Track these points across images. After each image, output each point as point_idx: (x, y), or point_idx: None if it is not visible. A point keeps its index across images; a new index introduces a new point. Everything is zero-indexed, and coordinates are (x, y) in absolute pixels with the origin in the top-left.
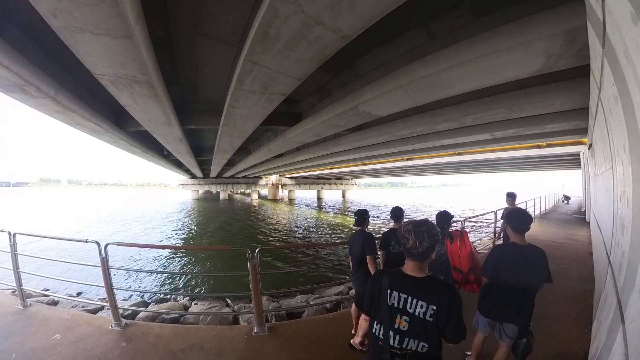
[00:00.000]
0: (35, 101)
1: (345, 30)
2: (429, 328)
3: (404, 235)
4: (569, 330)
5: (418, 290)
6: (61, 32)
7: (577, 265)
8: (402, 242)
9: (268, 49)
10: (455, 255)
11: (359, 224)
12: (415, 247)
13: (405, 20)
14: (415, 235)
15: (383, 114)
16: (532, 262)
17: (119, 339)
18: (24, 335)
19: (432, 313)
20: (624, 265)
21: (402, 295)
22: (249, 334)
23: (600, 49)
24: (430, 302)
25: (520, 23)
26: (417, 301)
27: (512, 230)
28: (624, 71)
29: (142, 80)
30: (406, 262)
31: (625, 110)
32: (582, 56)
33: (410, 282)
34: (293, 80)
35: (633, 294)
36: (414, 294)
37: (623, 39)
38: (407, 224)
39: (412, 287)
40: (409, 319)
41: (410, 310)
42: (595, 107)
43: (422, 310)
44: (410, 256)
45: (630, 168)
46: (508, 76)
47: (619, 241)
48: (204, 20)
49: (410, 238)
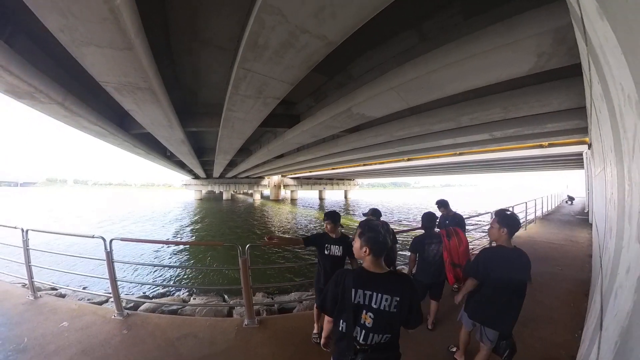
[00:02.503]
0: (44, 107)
1: (330, 37)
2: (393, 319)
3: (378, 231)
4: (559, 334)
5: (382, 286)
6: (68, 45)
7: (574, 268)
8: (375, 238)
9: (259, 56)
10: (454, 251)
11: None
12: (380, 243)
13: (397, 22)
14: (385, 232)
15: (377, 115)
16: (520, 264)
17: (120, 327)
18: (34, 322)
19: (396, 304)
20: (609, 270)
21: (367, 292)
22: (240, 325)
23: (584, 46)
24: (394, 294)
25: (509, 22)
26: (382, 295)
27: (507, 233)
28: (604, 68)
29: (144, 87)
30: (366, 259)
31: (609, 109)
32: (573, 54)
33: (374, 279)
34: (285, 85)
35: (610, 299)
36: (379, 290)
37: (597, 35)
38: (370, 221)
39: (376, 283)
40: (374, 315)
41: (375, 306)
42: (590, 106)
43: (386, 303)
44: (375, 253)
45: (615, 169)
46: (500, 76)
47: (608, 244)
48: (202, 28)
49: (383, 234)
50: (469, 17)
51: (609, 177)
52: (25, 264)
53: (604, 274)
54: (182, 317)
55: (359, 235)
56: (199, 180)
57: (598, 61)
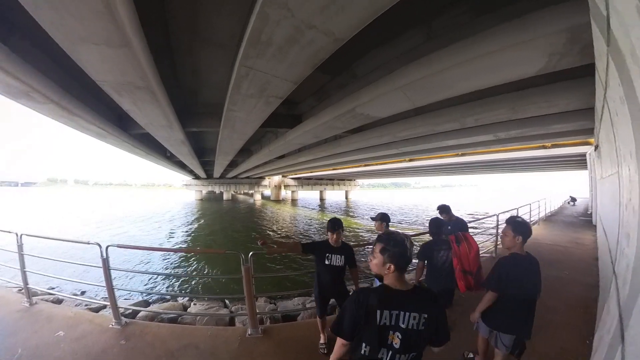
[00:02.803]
0: (41, 107)
1: (338, 33)
2: (421, 337)
3: (404, 245)
4: (569, 341)
5: (409, 303)
6: (62, 42)
7: (582, 271)
8: (401, 253)
9: (262, 53)
10: (465, 257)
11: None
12: (407, 258)
13: (404, 20)
14: (410, 245)
15: (382, 115)
16: (533, 272)
17: (118, 337)
18: (29, 331)
19: (424, 322)
20: (628, 279)
21: (393, 312)
22: (243, 335)
23: (604, 47)
24: (422, 311)
25: (521, 21)
26: (410, 314)
27: (521, 241)
28: (631, 71)
29: (142, 86)
30: (390, 277)
31: (633, 113)
32: (586, 54)
33: (400, 297)
34: (288, 83)
35: (635, 313)
36: (406, 308)
37: (629, 36)
38: (394, 234)
39: (403, 301)
40: (402, 335)
41: (403, 326)
42: (601, 108)
43: (415, 321)
44: (401, 269)
45: (638, 176)
46: (509, 76)
47: (624, 251)
48: (202, 26)
49: (406, 248)
50: (477, 15)
51: (626, 181)
52: (20, 269)
53: (620, 281)
54: (182, 326)
55: (382, 251)
56: (199, 181)
57: (623, 63)
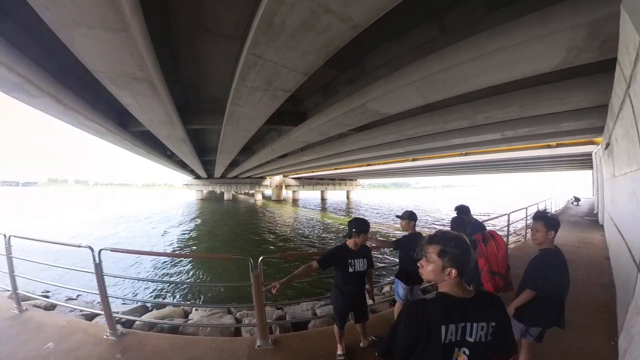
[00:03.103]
0: (36, 101)
1: (356, 19)
2: (489, 349)
3: (467, 245)
4: (594, 343)
5: (475, 313)
6: (55, 25)
7: (594, 271)
8: (464, 254)
9: (272, 40)
10: (493, 257)
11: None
12: (468, 258)
13: (416, 14)
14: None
15: (392, 112)
16: (564, 266)
17: (114, 350)
18: (17, 342)
19: (492, 331)
20: None
21: (459, 325)
22: (252, 347)
23: (637, 38)
24: (489, 319)
25: (542, 14)
26: (477, 324)
27: (553, 235)
28: None
29: (142, 77)
30: (450, 283)
31: None
32: (605, 49)
33: (465, 306)
34: (299, 75)
35: None
36: (473, 318)
37: None
38: (448, 233)
39: (468, 311)
40: (470, 350)
41: (471, 339)
42: (620, 104)
43: (482, 332)
44: (463, 272)
45: None
46: (525, 71)
47: None
48: (206, 15)
49: (469, 248)
50: (493, 9)
51: None
52: (9, 273)
53: None
54: (184, 337)
55: (441, 254)
56: (200, 180)
57: None
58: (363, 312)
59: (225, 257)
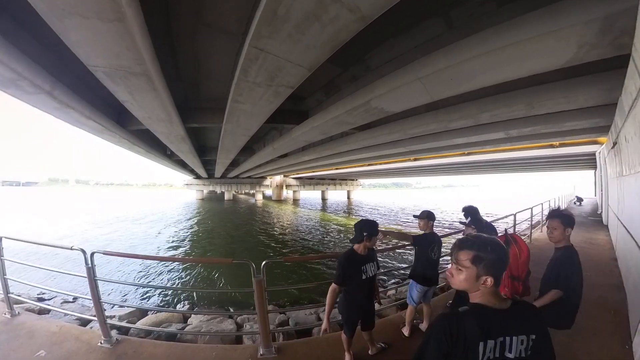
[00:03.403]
0: (31, 97)
1: (365, 10)
2: None
3: (503, 249)
4: (608, 347)
5: (514, 325)
6: (48, 16)
7: (602, 272)
8: (501, 259)
9: (276, 31)
10: (514, 261)
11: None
12: (505, 263)
13: (422, 9)
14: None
15: (396, 110)
16: (580, 263)
17: (108, 358)
18: (7, 349)
19: (532, 344)
20: None
21: (498, 340)
22: (254, 356)
23: None
24: (529, 332)
25: (553, 8)
26: (517, 338)
27: (570, 233)
28: None
29: (139, 71)
30: (486, 293)
31: None
32: (617, 45)
33: (503, 318)
34: (303, 70)
35: None
36: (511, 332)
37: None
38: (481, 237)
39: (507, 323)
40: None
41: (511, 355)
42: (632, 101)
43: (522, 347)
44: (499, 280)
45: None
46: (534, 68)
47: None
48: (207, 9)
49: (506, 252)
50: (502, 4)
51: None
52: (0, 276)
53: None
54: (182, 344)
55: (475, 261)
56: (200, 180)
57: None
58: (370, 320)
59: (225, 261)
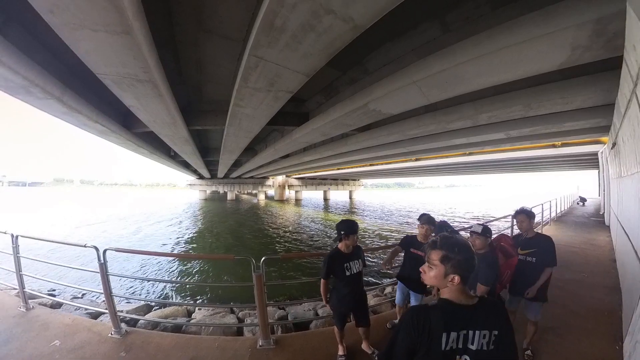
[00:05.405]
0: (41, 102)
1: (357, 20)
2: (492, 357)
3: (471, 251)
4: (598, 347)
5: (477, 320)
6: (60, 29)
7: (600, 274)
8: (468, 260)
9: (274, 41)
10: (502, 267)
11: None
12: (472, 264)
13: (418, 13)
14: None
15: (394, 112)
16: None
17: (118, 348)
18: (23, 340)
19: (494, 339)
20: None
21: (461, 333)
22: (254, 346)
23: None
24: (492, 327)
25: (546, 11)
26: (480, 332)
27: (534, 223)
28: None
29: (145, 79)
30: (453, 290)
31: None
32: (611, 47)
33: (467, 313)
34: (300, 76)
35: None
36: (475, 326)
37: None
38: (452, 238)
39: (470, 318)
40: (471, 358)
41: (473, 347)
42: (627, 103)
43: (485, 340)
44: (466, 279)
45: None
46: (529, 70)
47: None
48: (208, 16)
49: (473, 254)
50: (497, 7)
51: None
52: (16, 272)
53: None
54: (187, 336)
55: (444, 260)
56: (203, 181)
57: None
58: (364, 315)
59: (227, 257)
